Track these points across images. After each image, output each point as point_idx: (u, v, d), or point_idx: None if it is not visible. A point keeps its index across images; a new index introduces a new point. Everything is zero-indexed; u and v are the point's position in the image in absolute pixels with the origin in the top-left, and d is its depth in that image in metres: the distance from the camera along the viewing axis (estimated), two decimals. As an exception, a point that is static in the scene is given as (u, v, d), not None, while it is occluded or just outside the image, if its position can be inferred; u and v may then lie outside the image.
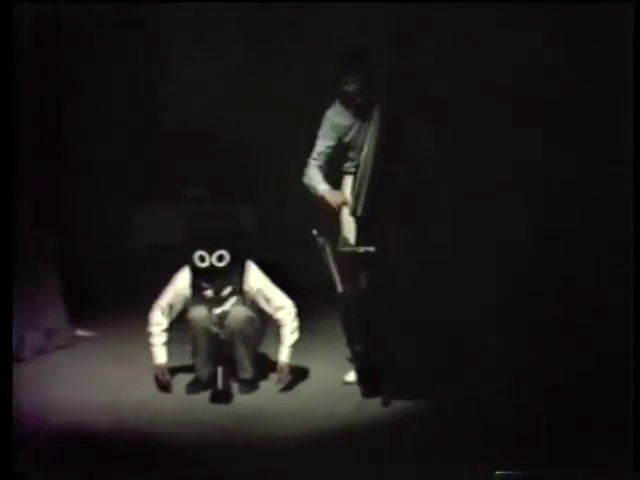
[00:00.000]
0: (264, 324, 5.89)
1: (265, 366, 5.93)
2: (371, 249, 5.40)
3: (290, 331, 5.78)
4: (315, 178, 5.68)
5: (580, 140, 6.70)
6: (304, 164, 5.76)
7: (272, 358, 5.93)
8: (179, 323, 5.87)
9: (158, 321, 5.83)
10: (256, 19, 7.79)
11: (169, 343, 5.85)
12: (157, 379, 5.82)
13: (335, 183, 5.73)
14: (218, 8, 7.66)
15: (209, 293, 5.78)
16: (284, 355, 5.78)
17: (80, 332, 6.93)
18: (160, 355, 5.83)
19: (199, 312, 5.75)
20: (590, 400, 5.18)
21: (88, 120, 7.86)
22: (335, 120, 5.65)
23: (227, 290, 5.78)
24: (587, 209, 6.63)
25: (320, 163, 5.70)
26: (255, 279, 5.82)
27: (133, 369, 6.12)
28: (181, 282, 5.84)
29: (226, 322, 5.74)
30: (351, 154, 5.67)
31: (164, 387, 5.81)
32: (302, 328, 5.82)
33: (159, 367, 5.82)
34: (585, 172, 6.67)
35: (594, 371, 5.50)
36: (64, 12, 6.96)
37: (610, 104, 6.31)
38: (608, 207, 6.42)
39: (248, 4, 7.65)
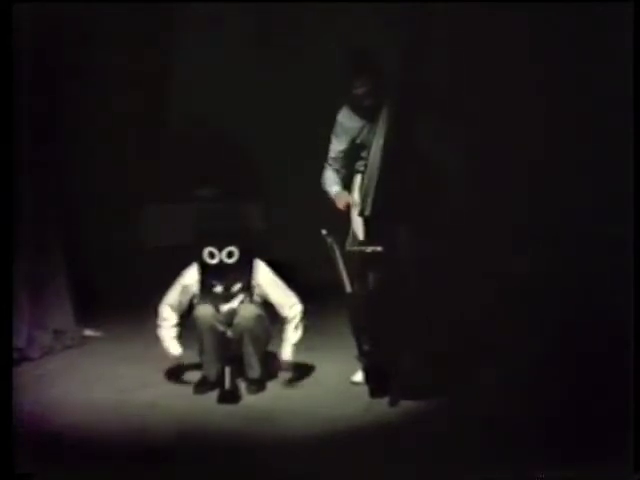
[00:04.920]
0: (272, 322, 5.89)
1: (273, 366, 5.93)
2: (379, 249, 5.41)
3: (293, 328, 5.80)
4: (329, 181, 5.75)
5: (580, 140, 6.72)
6: (313, 163, 5.80)
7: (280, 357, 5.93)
8: (187, 320, 5.88)
9: (167, 316, 5.86)
10: (268, 20, 7.81)
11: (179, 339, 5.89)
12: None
13: (349, 183, 5.79)
14: (225, 8, 7.67)
15: (219, 289, 5.79)
16: (287, 352, 5.81)
17: (88, 332, 6.94)
18: (174, 347, 5.87)
19: (205, 310, 5.75)
20: (590, 400, 5.19)
21: (90, 120, 7.84)
22: (345, 123, 5.68)
23: (236, 287, 5.79)
24: (588, 209, 6.66)
25: (336, 167, 5.75)
26: (263, 276, 5.83)
27: (140, 369, 6.13)
28: (189, 278, 5.84)
29: (235, 321, 5.75)
30: (362, 154, 5.70)
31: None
32: (310, 328, 5.85)
33: (176, 359, 5.88)
34: (585, 172, 6.69)
35: (594, 371, 5.50)
36: (64, 12, 6.94)
37: (610, 103, 6.32)
38: (608, 207, 6.45)
39: (256, 4, 7.66)
